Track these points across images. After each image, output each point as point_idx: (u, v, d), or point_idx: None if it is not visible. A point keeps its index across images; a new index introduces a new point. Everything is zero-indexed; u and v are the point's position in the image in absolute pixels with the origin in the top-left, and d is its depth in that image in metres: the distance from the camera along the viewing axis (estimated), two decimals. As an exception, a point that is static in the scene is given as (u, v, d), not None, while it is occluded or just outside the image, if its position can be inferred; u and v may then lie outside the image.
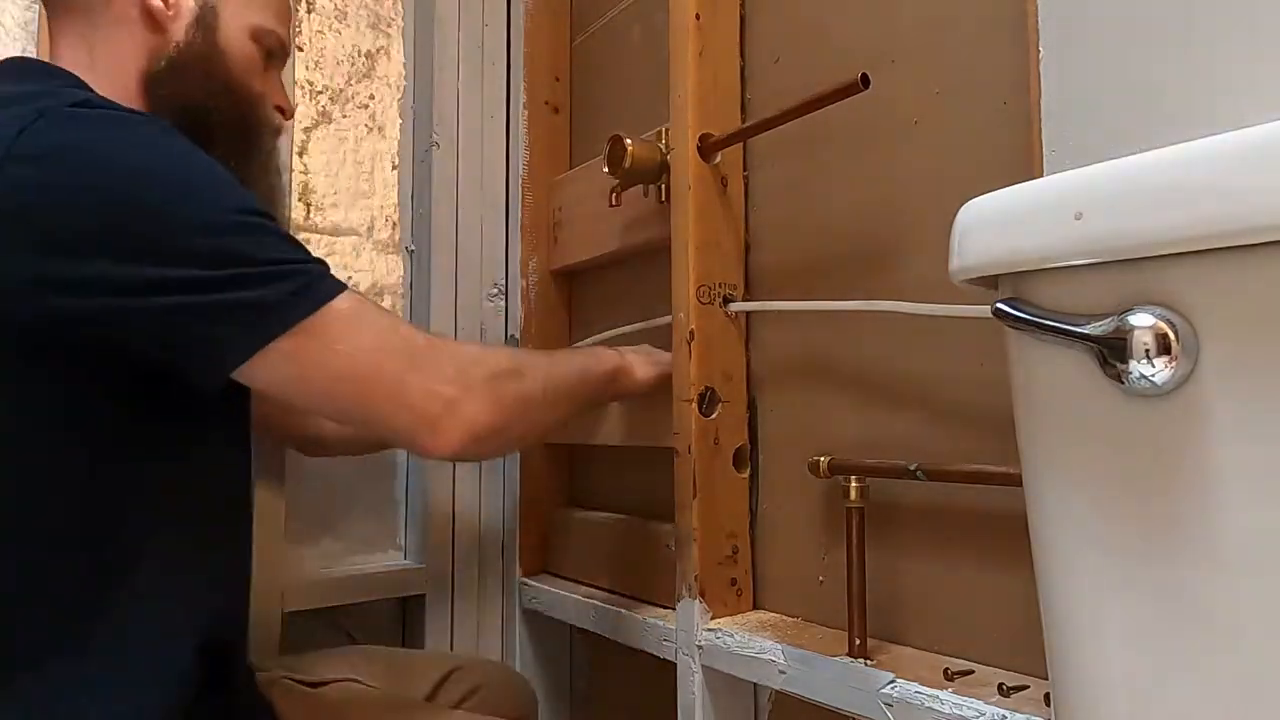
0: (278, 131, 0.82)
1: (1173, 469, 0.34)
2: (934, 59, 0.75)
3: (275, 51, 0.79)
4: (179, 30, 0.72)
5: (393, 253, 1.22)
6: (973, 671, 0.68)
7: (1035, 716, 0.60)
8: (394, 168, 1.23)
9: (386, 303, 1.20)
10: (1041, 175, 0.58)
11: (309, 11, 1.17)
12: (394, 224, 1.22)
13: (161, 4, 0.71)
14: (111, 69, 0.71)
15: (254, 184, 0.75)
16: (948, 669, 0.66)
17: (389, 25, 1.23)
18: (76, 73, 0.69)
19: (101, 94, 0.66)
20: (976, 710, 0.63)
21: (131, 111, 0.64)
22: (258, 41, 0.77)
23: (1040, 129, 0.59)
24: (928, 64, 0.75)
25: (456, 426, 0.64)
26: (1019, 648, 0.67)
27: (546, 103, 1.26)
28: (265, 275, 0.59)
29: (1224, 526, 0.32)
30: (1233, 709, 0.33)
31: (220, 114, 0.73)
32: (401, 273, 1.23)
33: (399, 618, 1.21)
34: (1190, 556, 0.33)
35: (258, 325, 0.59)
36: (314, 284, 0.61)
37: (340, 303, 0.62)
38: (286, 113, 0.83)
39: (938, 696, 0.65)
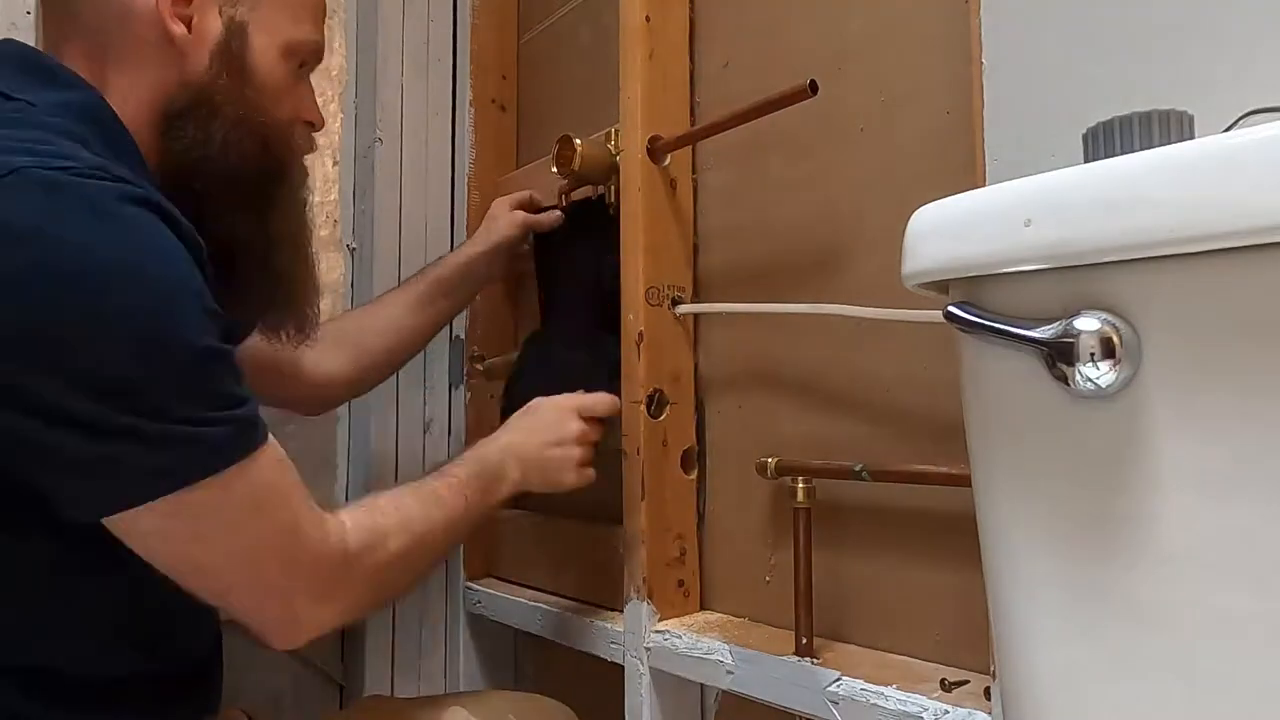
0: (308, 150, 0.74)
1: (1117, 469, 0.35)
2: (881, 68, 0.76)
3: (309, 61, 0.71)
4: (201, 58, 0.64)
5: (333, 250, 1.19)
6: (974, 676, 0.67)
7: (976, 710, 0.62)
8: (335, 163, 1.20)
9: (327, 301, 1.17)
10: (984, 183, 0.60)
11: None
12: (334, 221, 1.19)
13: (184, 30, 0.63)
14: (126, 99, 0.62)
15: (281, 226, 0.70)
16: (944, 679, 0.65)
17: (330, 17, 1.20)
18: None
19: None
20: (920, 705, 0.64)
21: (118, 189, 0.53)
22: (291, 57, 0.68)
23: (983, 138, 0.60)
24: (874, 72, 0.77)
25: (304, 638, 0.61)
26: (960, 644, 0.69)
27: (493, 101, 1.25)
28: (163, 435, 0.51)
29: (1166, 525, 0.34)
30: (1176, 704, 0.34)
31: (244, 160, 0.66)
32: (342, 270, 1.20)
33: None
34: (1134, 554, 0.34)
35: (127, 488, 0.52)
36: (211, 453, 0.53)
37: (235, 474, 0.54)
38: (317, 125, 0.74)
39: (882, 693, 0.66)
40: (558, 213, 1.03)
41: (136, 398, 0.51)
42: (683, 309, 0.91)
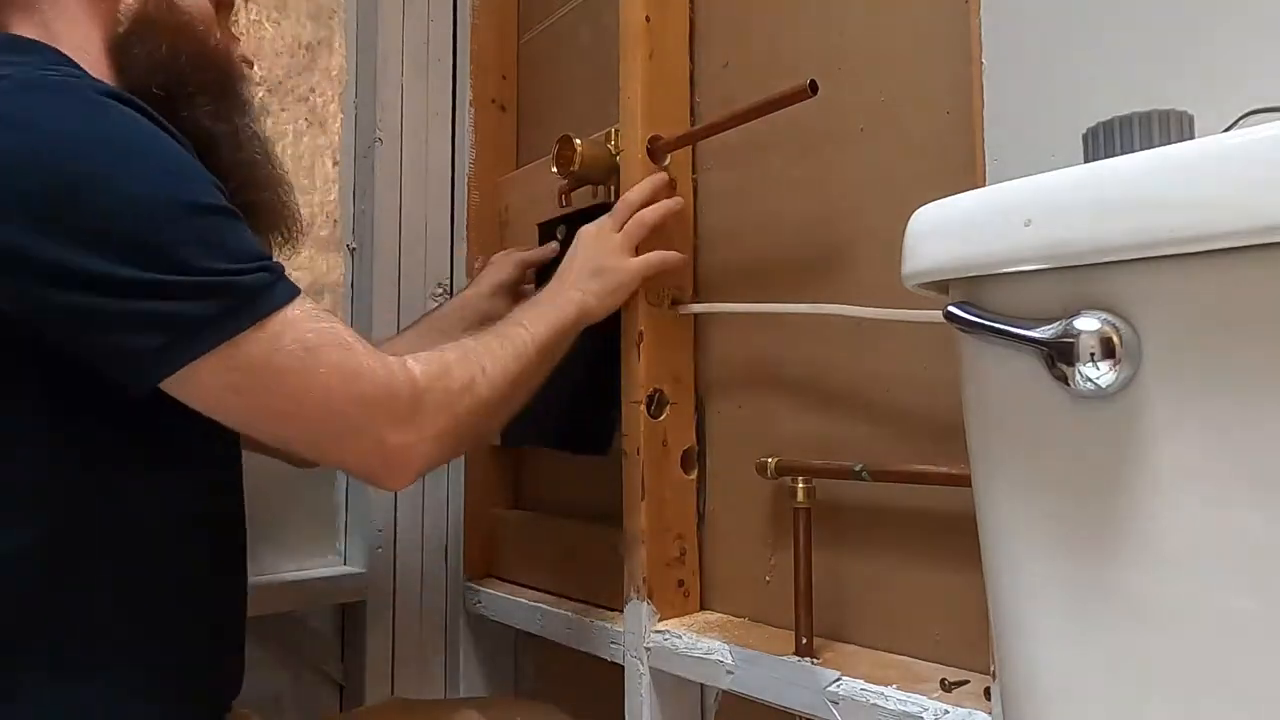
0: (249, 81, 0.79)
1: (1116, 469, 0.35)
2: (880, 68, 0.76)
3: (223, 1, 0.77)
4: None
5: (333, 250, 1.19)
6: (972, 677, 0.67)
7: (976, 710, 0.62)
8: (335, 164, 1.20)
9: (326, 301, 1.18)
10: (984, 183, 0.60)
11: (246, 0, 1.13)
12: (334, 221, 1.19)
13: None
14: (84, 49, 0.67)
15: (243, 143, 0.73)
16: (944, 679, 0.65)
17: (330, 17, 1.20)
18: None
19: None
20: (920, 705, 0.64)
21: (103, 87, 0.60)
22: None
23: (983, 138, 0.60)
24: (874, 73, 0.77)
25: (410, 469, 0.64)
26: (960, 644, 0.69)
27: (493, 101, 1.25)
28: (197, 286, 0.55)
29: (1164, 524, 0.34)
30: (1176, 704, 0.34)
31: (195, 71, 0.70)
32: (342, 270, 1.20)
33: (339, 625, 1.18)
34: (1134, 554, 0.34)
35: (177, 342, 0.55)
36: (250, 300, 0.57)
37: (280, 321, 0.57)
38: (249, 63, 0.79)
39: (882, 693, 0.66)
40: (554, 245, 1.02)
41: (161, 255, 0.54)
42: (683, 309, 0.91)
